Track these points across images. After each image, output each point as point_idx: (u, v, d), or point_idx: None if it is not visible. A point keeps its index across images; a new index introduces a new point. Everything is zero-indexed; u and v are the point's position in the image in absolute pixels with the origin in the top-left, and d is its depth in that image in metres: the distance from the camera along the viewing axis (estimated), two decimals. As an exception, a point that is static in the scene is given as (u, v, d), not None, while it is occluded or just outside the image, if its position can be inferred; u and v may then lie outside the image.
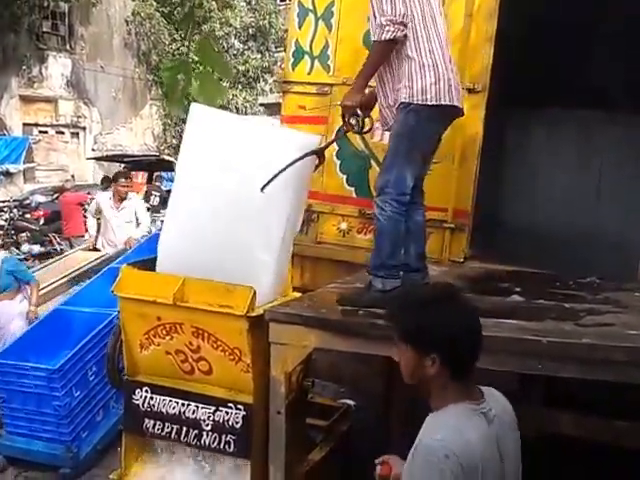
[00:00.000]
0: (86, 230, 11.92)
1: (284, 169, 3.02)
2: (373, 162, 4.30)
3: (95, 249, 7.49)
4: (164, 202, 13.21)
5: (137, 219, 7.31)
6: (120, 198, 7.26)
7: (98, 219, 7.70)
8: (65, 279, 6.45)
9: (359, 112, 3.17)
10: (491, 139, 4.30)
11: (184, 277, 3.17)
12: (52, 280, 6.38)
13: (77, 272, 6.57)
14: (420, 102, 2.97)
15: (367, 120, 3.27)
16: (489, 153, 4.30)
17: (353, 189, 4.47)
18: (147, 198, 14.09)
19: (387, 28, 2.94)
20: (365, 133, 3.46)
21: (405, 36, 2.98)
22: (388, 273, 3.04)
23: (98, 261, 6.76)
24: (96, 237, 7.63)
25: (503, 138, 5.54)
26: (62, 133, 20.25)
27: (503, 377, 3.75)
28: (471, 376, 1.81)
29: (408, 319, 1.81)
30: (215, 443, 3.18)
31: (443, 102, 2.99)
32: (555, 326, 2.58)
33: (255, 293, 3.06)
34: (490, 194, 4.73)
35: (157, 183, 15.44)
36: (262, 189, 3.03)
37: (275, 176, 3.02)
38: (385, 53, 3.05)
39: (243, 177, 3.18)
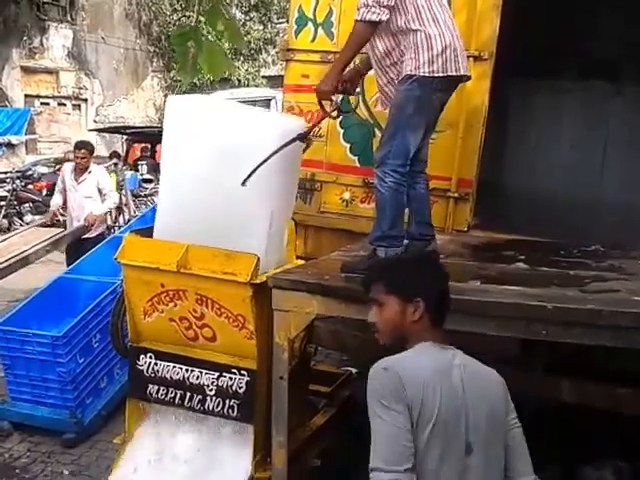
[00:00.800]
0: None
1: (265, 160, 2.93)
2: (377, 131, 4.24)
3: (55, 225, 7.05)
4: (156, 171, 13.13)
5: (103, 194, 6.65)
6: (79, 170, 6.56)
7: None
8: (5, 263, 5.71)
9: (333, 98, 3.07)
10: (495, 109, 4.25)
11: (187, 244, 3.15)
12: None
13: (20, 255, 5.87)
14: (427, 74, 2.88)
15: (352, 98, 3.20)
16: (493, 123, 4.25)
17: (356, 158, 4.42)
18: (136, 168, 14.05)
19: (373, 9, 2.85)
20: (342, 115, 3.36)
21: (392, 14, 2.89)
22: (390, 243, 3.01)
23: (46, 242, 6.18)
24: (58, 212, 7.03)
25: (507, 108, 5.47)
26: (64, 105, 20.12)
27: (505, 344, 3.78)
28: (442, 331, 2.00)
29: (393, 272, 2.07)
30: (219, 408, 3.19)
31: (450, 73, 2.92)
32: (559, 292, 2.56)
33: (259, 260, 3.05)
34: (494, 164, 4.69)
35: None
36: (243, 183, 2.94)
37: (256, 168, 2.92)
38: (365, 34, 2.95)
39: (226, 166, 3.09)
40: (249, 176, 2.92)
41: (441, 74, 2.90)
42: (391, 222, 2.98)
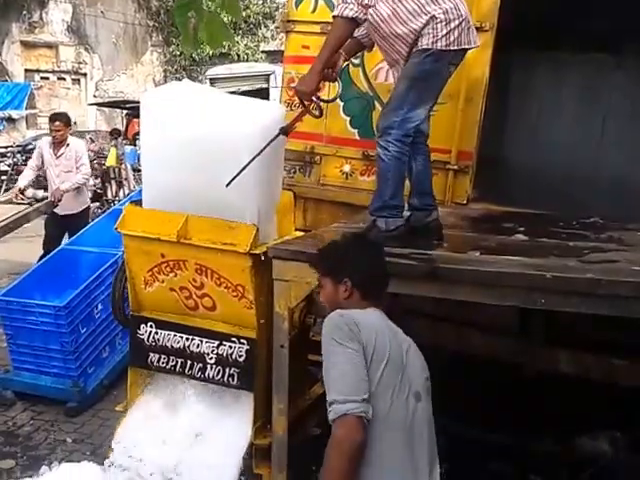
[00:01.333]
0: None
1: (249, 162, 2.85)
2: (377, 103, 4.19)
3: (20, 202, 6.83)
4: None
5: (77, 167, 6.37)
6: (57, 144, 6.30)
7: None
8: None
9: (314, 98, 3.02)
10: (496, 83, 4.19)
11: (187, 214, 3.13)
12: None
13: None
14: (443, 47, 2.83)
15: (334, 85, 3.15)
16: (494, 97, 4.20)
17: (356, 131, 4.37)
18: (135, 142, 13.97)
19: (350, 6, 2.82)
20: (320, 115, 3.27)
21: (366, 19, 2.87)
22: (391, 213, 2.99)
23: (8, 220, 5.92)
24: (25, 188, 6.55)
25: (508, 80, 5.41)
26: (63, 79, 19.94)
27: (504, 315, 3.79)
28: (379, 302, 2.21)
29: (326, 256, 2.32)
30: (219, 376, 3.20)
31: (464, 45, 2.89)
32: (559, 262, 2.55)
33: (258, 230, 3.03)
34: (493, 136, 4.63)
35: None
36: (227, 185, 2.85)
37: (240, 171, 2.84)
38: (344, 31, 2.90)
39: (208, 160, 3.02)
40: (233, 179, 2.84)
41: (456, 47, 2.86)
42: (393, 192, 2.95)
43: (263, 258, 2.97)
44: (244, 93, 17.29)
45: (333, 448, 1.85)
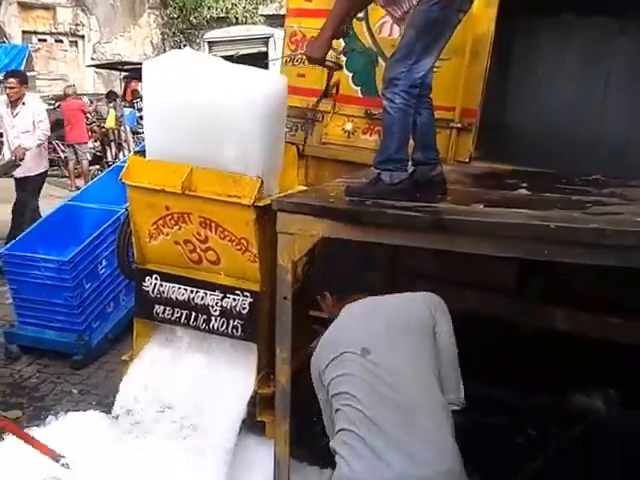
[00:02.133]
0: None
1: None
2: (380, 59, 4.12)
3: None
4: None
5: (36, 125, 6.23)
6: (12, 102, 6.18)
7: None
8: None
9: (327, 62, 3.02)
10: (499, 45, 4.12)
11: (191, 166, 3.09)
12: None
13: None
14: None
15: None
16: (497, 58, 4.13)
17: (359, 88, 4.30)
18: (132, 105, 13.83)
19: None
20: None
21: None
22: (395, 166, 2.95)
23: None
24: None
25: (511, 44, 5.33)
26: (61, 42, 19.64)
27: (502, 273, 3.79)
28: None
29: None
30: (223, 327, 3.21)
31: None
32: (563, 214, 2.53)
33: (262, 183, 3.00)
34: (496, 99, 4.57)
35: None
36: None
37: None
38: None
39: (211, 127, 2.99)
40: None
41: None
42: (398, 145, 2.90)
43: (272, 209, 2.94)
44: (242, 57, 17.11)
45: None
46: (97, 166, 11.64)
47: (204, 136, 3.03)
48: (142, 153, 3.33)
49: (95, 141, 12.42)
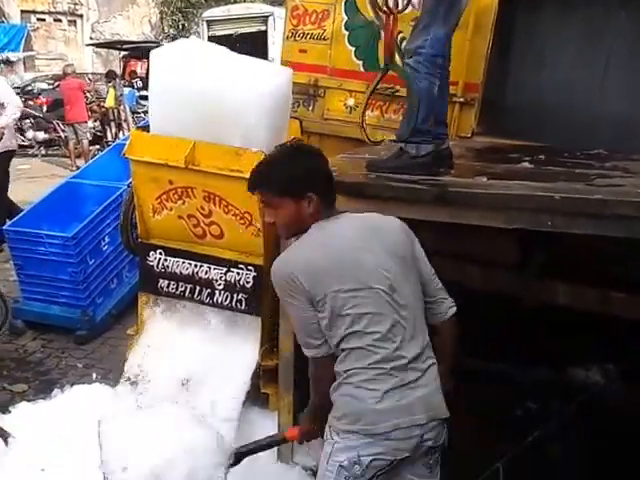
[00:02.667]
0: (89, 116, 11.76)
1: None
2: (383, 33, 4.08)
3: None
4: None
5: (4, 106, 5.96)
6: None
7: None
8: None
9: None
10: (502, 16, 4.08)
11: (194, 140, 3.08)
12: None
13: None
14: None
15: None
16: (499, 35, 4.10)
17: (361, 62, 4.27)
18: (131, 84, 13.75)
19: None
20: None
21: None
22: (422, 138, 2.86)
23: None
24: None
25: (513, 16, 5.28)
26: (59, 21, 19.49)
27: (504, 248, 3.79)
28: (332, 206, 2.09)
29: (279, 176, 2.02)
30: (227, 301, 3.22)
31: None
32: (566, 186, 2.52)
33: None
34: (498, 71, 4.54)
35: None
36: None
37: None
38: None
39: (217, 119, 3.01)
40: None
41: None
42: (424, 116, 2.82)
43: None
44: (242, 36, 16.94)
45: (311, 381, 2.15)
46: (97, 146, 11.57)
47: (210, 125, 3.04)
48: (144, 128, 3.31)
49: (95, 121, 12.32)
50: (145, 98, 13.26)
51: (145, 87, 13.51)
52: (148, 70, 11.62)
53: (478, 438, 3.15)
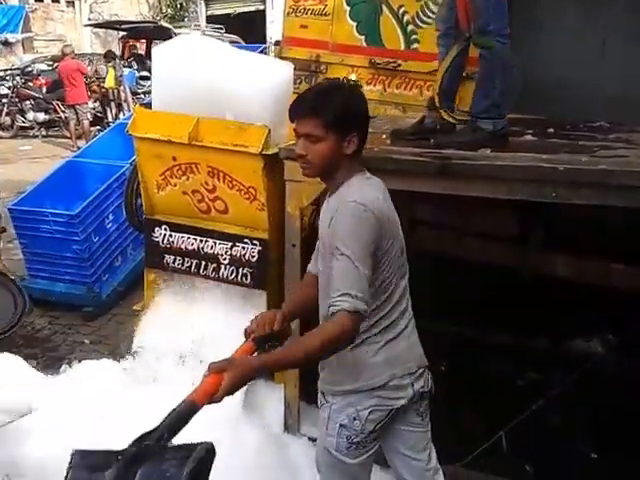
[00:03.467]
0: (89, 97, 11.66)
1: None
2: (385, 8, 4.04)
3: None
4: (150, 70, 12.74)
5: None
6: None
7: None
8: None
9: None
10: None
11: (198, 116, 3.06)
12: None
13: None
14: None
15: None
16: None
17: (363, 37, 4.22)
18: (130, 64, 13.62)
19: None
20: None
21: None
22: (498, 113, 2.85)
23: None
24: None
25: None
26: (58, 2, 19.26)
27: (504, 222, 3.79)
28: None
29: (335, 106, 1.86)
30: (233, 276, 3.22)
31: None
32: (570, 157, 2.50)
33: (269, 132, 2.97)
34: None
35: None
36: None
37: None
38: None
39: (220, 113, 3.05)
40: None
41: None
42: (501, 90, 2.81)
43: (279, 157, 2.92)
44: (240, 15, 16.78)
45: (331, 341, 1.72)
46: (98, 127, 11.50)
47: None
48: (147, 106, 3.28)
49: (95, 101, 12.23)
50: (145, 78, 13.19)
51: (144, 67, 13.42)
52: (147, 50, 11.53)
53: (480, 408, 3.18)
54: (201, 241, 3.26)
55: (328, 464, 2.07)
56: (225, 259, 3.21)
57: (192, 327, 3.26)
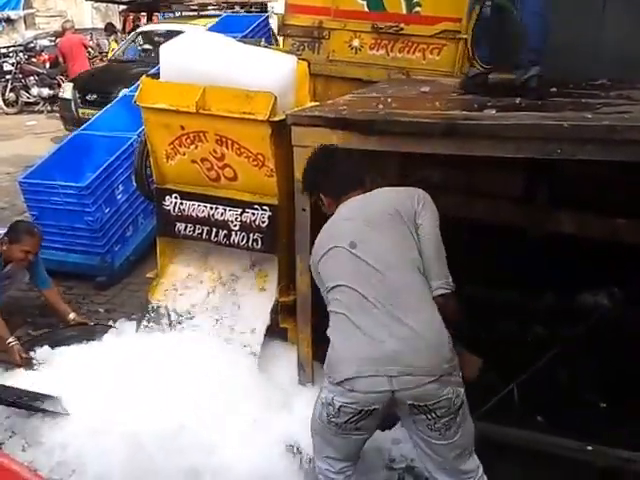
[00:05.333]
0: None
1: None
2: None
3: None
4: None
5: None
6: None
7: None
8: None
9: None
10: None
11: (205, 85, 3.05)
12: None
13: None
14: None
15: None
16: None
17: (365, 2, 4.19)
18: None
19: None
20: None
21: None
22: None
23: None
24: None
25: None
26: (57, -23, 18.96)
27: (510, 182, 3.78)
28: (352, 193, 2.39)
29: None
30: (244, 241, 3.23)
31: None
32: (574, 115, 2.50)
33: (276, 99, 2.96)
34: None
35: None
36: None
37: None
38: None
39: None
40: None
41: None
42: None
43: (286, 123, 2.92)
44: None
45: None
46: (103, 100, 11.42)
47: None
48: (155, 75, 3.27)
49: (100, 76, 12.14)
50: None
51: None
52: (147, 23, 11.29)
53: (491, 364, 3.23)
54: (211, 208, 3.27)
55: (317, 430, 2.18)
56: (236, 225, 3.23)
57: (207, 290, 3.32)
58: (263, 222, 3.19)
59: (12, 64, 12.46)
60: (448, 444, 2.05)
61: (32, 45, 13.41)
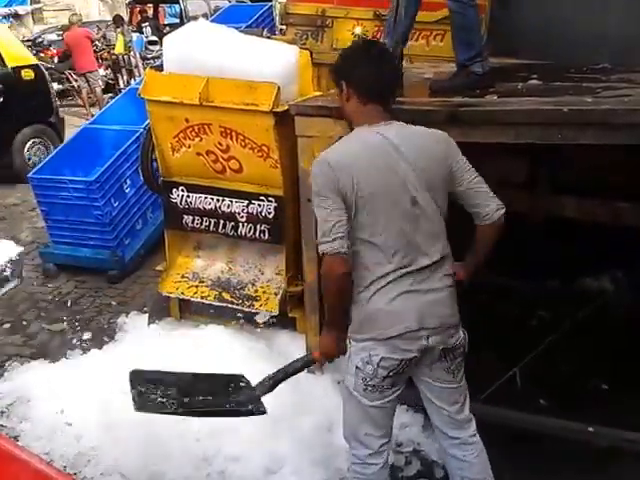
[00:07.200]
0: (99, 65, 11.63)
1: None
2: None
3: None
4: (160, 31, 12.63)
5: None
6: None
7: None
8: None
9: None
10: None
11: (207, 77, 3.07)
12: None
13: None
14: None
15: None
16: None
17: (367, -11, 4.19)
18: (140, 30, 13.48)
19: None
20: None
21: None
22: (483, 57, 2.98)
23: None
24: None
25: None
26: (63, -30, 18.98)
27: (512, 169, 3.78)
28: (376, 110, 2.08)
29: (334, 65, 2.19)
30: (251, 233, 3.27)
31: None
32: (575, 99, 2.51)
33: (279, 89, 2.98)
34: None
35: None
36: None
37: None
38: None
39: None
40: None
41: None
42: (479, 38, 2.95)
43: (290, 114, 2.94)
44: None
45: (322, 282, 2.10)
46: (110, 94, 11.48)
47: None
48: (158, 68, 3.30)
49: (106, 68, 12.19)
50: (153, 43, 13.08)
51: (153, 33, 13.29)
52: (155, 14, 11.36)
53: (495, 347, 3.25)
54: (218, 200, 3.30)
55: (348, 401, 2.17)
56: (242, 217, 3.26)
57: (215, 278, 3.37)
58: (269, 213, 3.21)
59: (20, 59, 12.49)
60: (457, 388, 2.14)
61: (40, 40, 13.46)
